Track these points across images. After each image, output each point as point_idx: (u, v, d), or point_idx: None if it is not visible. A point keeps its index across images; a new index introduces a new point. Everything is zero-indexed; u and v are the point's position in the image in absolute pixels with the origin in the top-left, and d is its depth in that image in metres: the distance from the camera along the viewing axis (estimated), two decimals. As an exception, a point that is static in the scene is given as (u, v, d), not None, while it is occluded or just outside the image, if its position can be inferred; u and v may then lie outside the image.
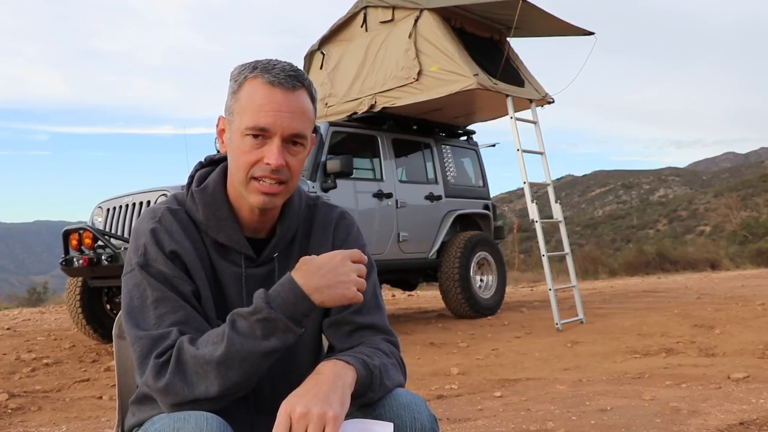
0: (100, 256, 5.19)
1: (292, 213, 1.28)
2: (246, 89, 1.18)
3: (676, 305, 7.36)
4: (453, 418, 3.21)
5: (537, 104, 7.07)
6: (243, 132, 1.17)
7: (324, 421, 0.99)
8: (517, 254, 20.85)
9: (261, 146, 1.16)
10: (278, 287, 1.11)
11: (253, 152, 1.16)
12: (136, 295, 1.15)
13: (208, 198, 1.23)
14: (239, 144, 1.18)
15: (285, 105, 1.16)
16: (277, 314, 1.08)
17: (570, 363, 4.75)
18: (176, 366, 1.08)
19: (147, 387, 1.12)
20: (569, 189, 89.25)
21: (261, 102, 1.15)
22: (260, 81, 1.17)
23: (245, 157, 1.17)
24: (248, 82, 1.18)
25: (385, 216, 6.61)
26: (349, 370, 1.08)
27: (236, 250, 1.23)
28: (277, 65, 1.18)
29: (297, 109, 1.17)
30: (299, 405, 1.01)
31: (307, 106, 1.19)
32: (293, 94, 1.17)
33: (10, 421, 3.53)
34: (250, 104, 1.16)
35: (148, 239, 1.18)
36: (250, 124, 1.15)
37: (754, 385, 3.66)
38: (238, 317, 1.09)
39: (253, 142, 1.16)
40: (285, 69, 1.18)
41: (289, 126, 1.16)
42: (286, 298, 1.09)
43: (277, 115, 1.15)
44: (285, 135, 1.16)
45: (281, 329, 1.08)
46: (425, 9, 6.62)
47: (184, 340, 1.10)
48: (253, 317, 1.08)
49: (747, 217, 33.74)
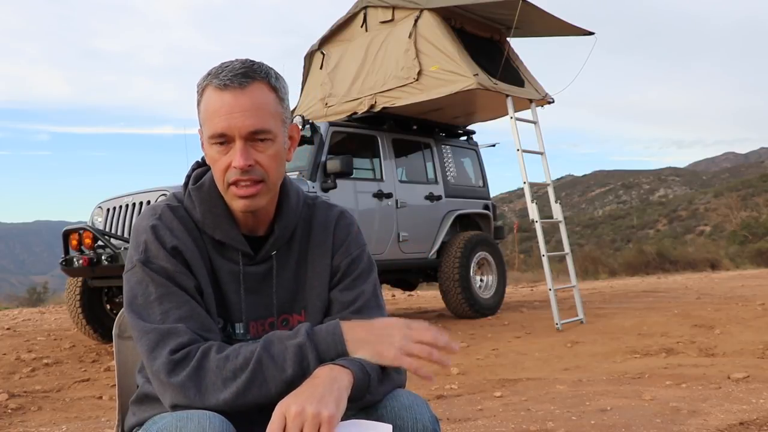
0: (100, 256, 5.19)
1: (290, 211, 1.28)
2: (204, 99, 1.19)
3: (676, 305, 7.36)
4: (453, 418, 3.21)
5: (537, 104, 7.07)
6: (209, 142, 1.18)
7: (319, 420, 0.99)
8: (517, 254, 20.84)
9: (228, 151, 1.17)
10: (323, 326, 1.14)
11: (221, 159, 1.17)
12: (140, 292, 1.15)
13: (204, 196, 1.24)
14: (209, 153, 1.20)
15: (236, 106, 1.15)
16: (310, 347, 1.10)
17: (570, 363, 4.75)
18: (195, 371, 1.08)
19: (157, 379, 1.11)
20: (569, 189, 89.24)
21: (214, 108, 1.16)
22: (211, 88, 1.17)
23: (216, 165, 1.19)
24: (205, 92, 1.19)
25: (385, 216, 6.61)
26: (346, 374, 1.08)
27: (234, 248, 1.24)
28: (227, 67, 1.17)
29: (249, 107, 1.15)
30: (294, 404, 1.01)
31: (262, 99, 1.17)
32: (243, 92, 1.15)
33: (10, 421, 3.53)
34: (207, 113, 1.18)
35: (149, 236, 1.18)
36: (210, 133, 1.17)
37: (754, 385, 3.66)
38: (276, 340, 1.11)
39: (219, 149, 1.17)
40: (234, 69, 1.17)
41: (244, 125, 1.15)
42: (324, 338, 1.12)
43: (229, 118, 1.15)
44: (243, 134, 1.16)
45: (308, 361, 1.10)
46: (425, 9, 6.62)
47: (213, 346, 1.10)
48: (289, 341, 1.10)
49: (747, 217, 33.71)
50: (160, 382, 1.10)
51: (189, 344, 1.10)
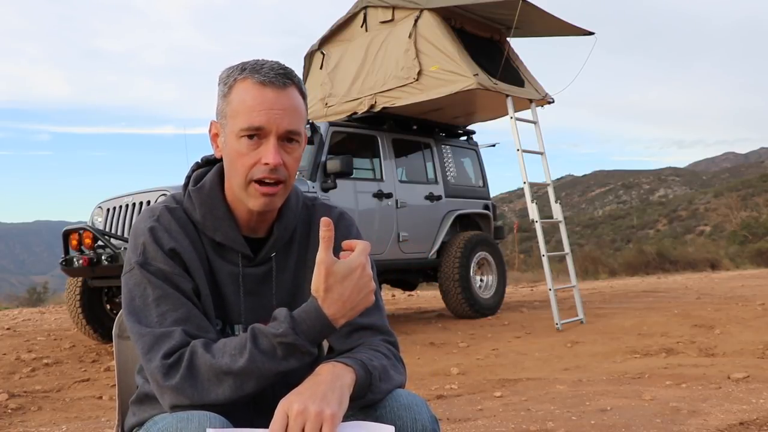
0: (100, 256, 5.19)
1: (290, 212, 1.28)
2: (236, 91, 1.18)
3: (676, 305, 7.36)
4: (453, 418, 3.21)
5: (537, 104, 7.07)
6: (238, 134, 1.17)
7: (321, 419, 0.99)
8: (517, 254, 20.84)
9: (257, 147, 1.16)
10: (304, 314, 1.10)
11: (250, 154, 1.16)
12: (137, 294, 1.15)
13: (204, 197, 1.24)
14: (235, 147, 1.18)
15: (277, 103, 1.16)
16: (301, 340, 1.08)
17: (570, 363, 4.75)
18: (188, 371, 1.08)
19: (154, 383, 1.11)
20: (569, 189, 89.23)
21: (253, 102, 1.16)
22: (250, 82, 1.17)
23: (243, 160, 1.17)
24: (238, 84, 1.18)
25: (385, 216, 6.61)
26: (348, 372, 1.08)
27: (233, 249, 1.23)
28: (265, 65, 1.18)
29: (289, 107, 1.17)
30: (296, 403, 1.00)
31: (298, 102, 1.20)
32: (284, 91, 1.17)
33: (10, 421, 3.53)
34: (243, 105, 1.16)
35: (147, 238, 1.18)
36: (245, 125, 1.16)
37: (754, 385, 3.66)
38: (260, 335, 1.09)
39: (249, 144, 1.16)
40: (274, 68, 1.18)
41: (282, 123, 1.16)
42: (311, 326, 1.09)
43: (270, 114, 1.15)
44: (280, 132, 1.16)
45: (302, 352, 1.09)
46: (425, 9, 6.62)
47: (198, 345, 1.09)
48: (276, 339, 1.08)
49: (747, 217, 33.71)
50: (157, 385, 1.10)
51: (181, 347, 1.10)
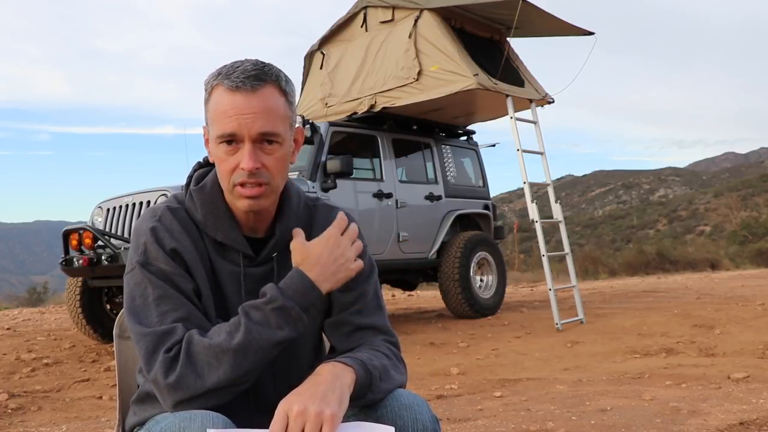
0: (100, 256, 5.19)
1: (290, 212, 1.28)
2: (213, 98, 1.19)
3: (676, 305, 7.36)
4: (453, 418, 3.21)
5: (537, 104, 7.07)
6: (216, 141, 1.18)
7: (321, 419, 0.99)
8: (517, 254, 20.84)
9: (235, 152, 1.17)
10: (287, 280, 1.16)
11: (229, 159, 1.18)
12: (138, 294, 1.16)
13: (206, 197, 1.24)
14: (216, 153, 1.20)
15: (247, 107, 1.15)
16: (290, 303, 1.12)
17: (570, 363, 4.75)
18: (186, 358, 1.09)
19: (155, 384, 1.11)
20: (569, 189, 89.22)
21: (224, 109, 1.16)
22: (222, 88, 1.17)
23: (223, 165, 1.19)
24: (214, 91, 1.19)
25: (385, 216, 6.61)
26: (348, 372, 1.09)
27: (235, 249, 1.24)
28: (238, 68, 1.17)
29: (260, 109, 1.16)
30: (297, 403, 1.01)
31: (272, 103, 1.17)
32: (255, 94, 1.16)
33: (10, 421, 3.53)
34: (216, 113, 1.18)
35: (149, 238, 1.19)
36: (219, 133, 1.17)
37: (754, 385, 3.66)
38: (251, 309, 1.13)
39: (227, 149, 1.17)
40: (246, 70, 1.16)
41: (254, 127, 1.15)
42: (296, 289, 1.14)
43: (240, 119, 1.15)
44: (253, 136, 1.16)
45: (294, 318, 1.12)
46: (425, 9, 6.62)
47: (193, 332, 1.12)
48: (267, 306, 1.12)
49: (747, 217, 33.71)
50: (158, 386, 1.10)
51: (181, 341, 1.12)
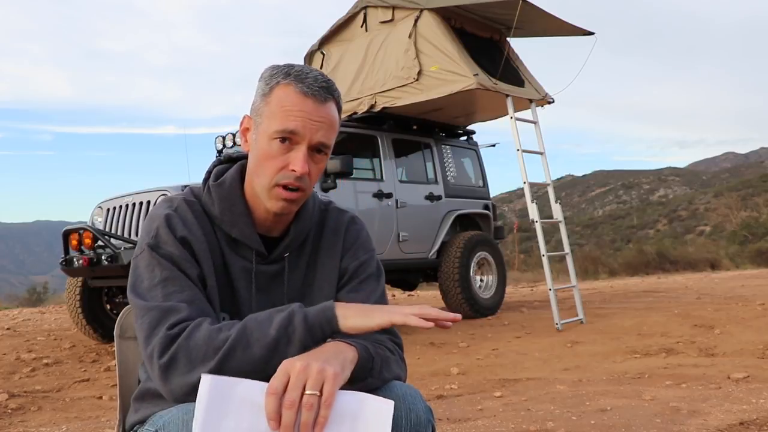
0: (100, 256, 5.19)
1: (307, 215, 1.31)
2: (277, 94, 1.20)
3: (676, 305, 7.36)
4: (453, 418, 3.21)
5: (537, 104, 7.07)
6: (271, 135, 1.19)
7: (323, 376, 0.99)
8: (517, 254, 20.86)
9: (287, 152, 1.19)
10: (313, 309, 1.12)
11: (279, 157, 1.19)
12: (146, 275, 1.17)
13: (224, 193, 1.26)
14: (265, 148, 1.20)
15: (315, 114, 1.18)
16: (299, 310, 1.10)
17: (570, 363, 4.75)
18: (185, 341, 1.08)
19: (149, 362, 1.11)
20: (569, 189, 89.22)
21: (292, 108, 1.18)
22: (293, 89, 1.19)
23: (271, 162, 1.19)
24: (280, 88, 1.20)
25: (385, 216, 6.62)
26: (351, 349, 1.09)
27: (248, 246, 1.26)
28: (310, 75, 1.20)
29: (326, 120, 1.20)
30: (299, 361, 1.00)
31: (334, 117, 1.23)
32: (324, 105, 1.20)
33: (10, 421, 3.53)
34: (281, 109, 1.18)
35: (162, 223, 1.20)
36: (280, 128, 1.18)
37: (754, 385, 3.66)
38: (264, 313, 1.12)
39: (280, 147, 1.18)
40: (318, 79, 1.20)
41: (317, 134, 1.19)
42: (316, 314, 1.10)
43: (306, 122, 1.18)
44: (312, 143, 1.19)
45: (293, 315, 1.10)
46: (425, 9, 6.63)
47: (206, 320, 1.11)
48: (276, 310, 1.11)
49: (747, 217, 33.73)
50: (152, 365, 1.10)
51: (187, 320, 1.11)
